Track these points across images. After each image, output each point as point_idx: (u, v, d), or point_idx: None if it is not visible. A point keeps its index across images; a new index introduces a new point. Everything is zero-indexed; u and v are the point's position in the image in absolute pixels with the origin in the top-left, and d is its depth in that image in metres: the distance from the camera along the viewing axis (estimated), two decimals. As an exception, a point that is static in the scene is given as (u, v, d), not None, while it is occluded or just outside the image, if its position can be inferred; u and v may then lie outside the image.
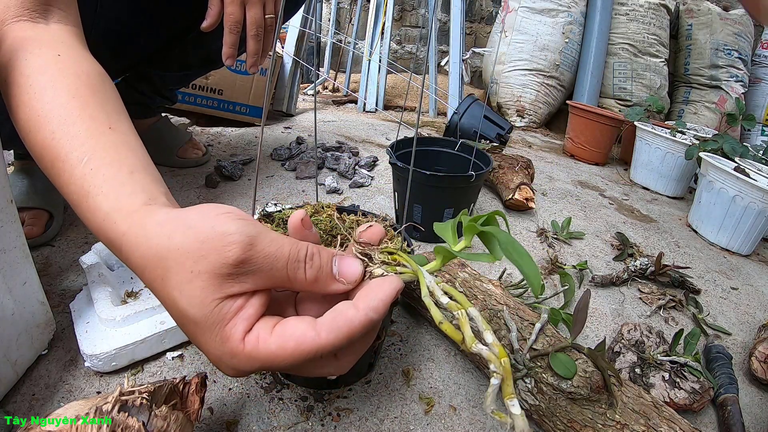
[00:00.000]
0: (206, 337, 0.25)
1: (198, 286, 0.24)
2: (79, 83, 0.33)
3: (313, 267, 0.27)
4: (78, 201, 0.30)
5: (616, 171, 1.65)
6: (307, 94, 2.04)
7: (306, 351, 0.24)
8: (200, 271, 0.24)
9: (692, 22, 2.14)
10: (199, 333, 0.25)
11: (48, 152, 0.30)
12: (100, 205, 0.28)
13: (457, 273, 0.60)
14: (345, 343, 0.25)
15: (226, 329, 0.24)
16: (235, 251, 0.24)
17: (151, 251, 0.26)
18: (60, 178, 0.30)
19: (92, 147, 0.30)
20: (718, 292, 0.89)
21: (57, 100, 0.31)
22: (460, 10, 1.79)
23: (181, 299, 0.24)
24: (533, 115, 2.10)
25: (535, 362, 0.48)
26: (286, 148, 1.18)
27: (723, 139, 1.25)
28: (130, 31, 0.72)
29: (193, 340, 0.26)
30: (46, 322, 0.48)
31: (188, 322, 0.25)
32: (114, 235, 0.28)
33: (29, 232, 0.67)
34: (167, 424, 0.33)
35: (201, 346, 0.26)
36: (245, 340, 0.25)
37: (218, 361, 0.26)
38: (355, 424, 0.47)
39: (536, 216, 1.07)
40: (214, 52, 0.72)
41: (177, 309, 0.25)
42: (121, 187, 0.29)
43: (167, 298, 0.25)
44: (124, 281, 0.57)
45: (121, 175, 0.30)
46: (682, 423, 0.44)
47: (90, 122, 0.31)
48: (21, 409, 0.44)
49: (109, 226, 0.28)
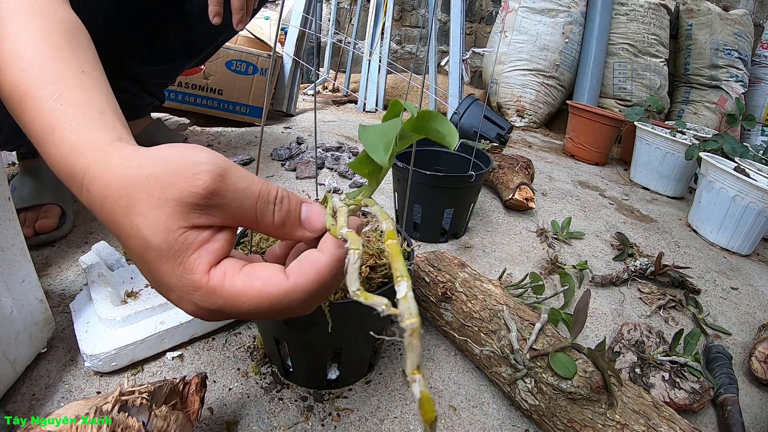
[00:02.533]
0: (167, 266, 0.24)
1: (164, 212, 0.24)
2: (53, 27, 0.32)
3: (282, 210, 0.27)
4: (43, 136, 0.28)
5: (616, 171, 1.65)
6: (307, 94, 2.04)
7: (273, 294, 0.24)
8: (168, 198, 0.24)
9: (692, 22, 2.14)
10: (159, 263, 0.24)
11: (17, 90, 0.30)
12: (66, 138, 0.28)
13: (457, 273, 0.60)
14: (316, 288, 0.25)
15: (190, 259, 0.24)
16: (205, 180, 0.24)
17: (116, 180, 0.25)
18: (27, 115, 0.29)
19: (64, 86, 0.30)
20: (718, 292, 0.89)
21: (31, 41, 0.31)
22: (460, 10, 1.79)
23: (145, 227, 0.24)
24: (533, 115, 2.10)
25: (535, 362, 0.48)
26: (286, 148, 1.18)
27: (723, 139, 1.25)
28: (113, 23, 0.72)
29: (152, 274, 0.25)
30: (45, 320, 0.48)
31: (149, 251, 0.24)
32: (77, 167, 0.27)
33: (44, 224, 0.67)
34: (167, 424, 0.33)
35: (161, 279, 0.25)
36: (210, 273, 0.24)
37: (178, 296, 0.25)
38: (355, 424, 0.47)
39: (536, 216, 1.07)
40: (196, 37, 0.71)
41: (138, 238, 0.24)
42: (91, 123, 0.28)
43: (129, 228, 0.24)
44: (124, 281, 0.57)
45: (92, 113, 0.29)
46: (682, 423, 0.44)
47: (62, 65, 0.31)
48: (21, 409, 0.43)
49: (74, 159, 0.27)
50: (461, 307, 0.56)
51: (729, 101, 2.07)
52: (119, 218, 0.25)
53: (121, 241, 0.26)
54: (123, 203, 0.24)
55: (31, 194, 0.70)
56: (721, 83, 2.10)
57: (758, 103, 2.23)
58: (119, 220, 0.25)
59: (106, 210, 0.25)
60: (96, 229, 0.74)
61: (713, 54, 2.09)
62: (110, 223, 0.26)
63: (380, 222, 0.25)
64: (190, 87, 1.31)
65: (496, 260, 0.85)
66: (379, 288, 0.44)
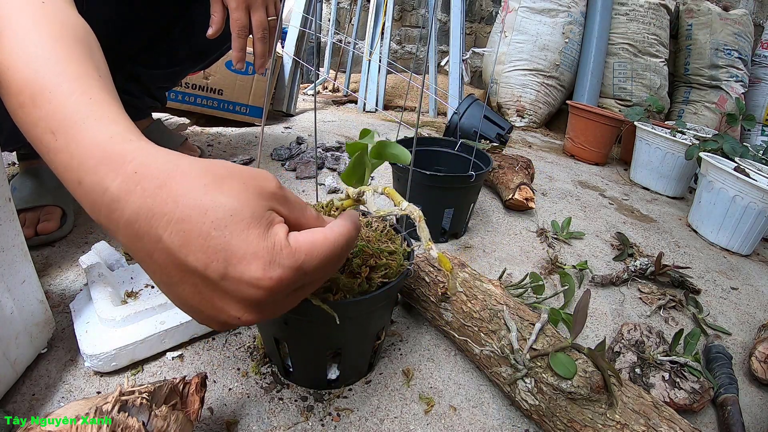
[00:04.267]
0: (257, 232, 0.27)
1: (252, 195, 0.28)
2: (65, 31, 0.32)
3: (312, 210, 0.34)
4: (68, 125, 0.28)
5: (616, 171, 1.65)
6: (307, 94, 2.04)
7: (336, 235, 0.31)
8: (253, 186, 0.28)
9: (692, 22, 2.14)
10: (249, 230, 0.27)
11: (29, 88, 0.29)
12: (105, 127, 0.28)
13: (457, 273, 0.60)
14: (354, 232, 0.33)
15: (274, 228, 0.28)
16: (275, 181, 0.30)
17: (192, 166, 0.27)
18: (41, 109, 0.28)
19: (85, 84, 0.29)
20: (718, 292, 0.89)
21: (41, 42, 0.30)
22: (460, 10, 1.79)
23: (236, 200, 0.27)
24: (533, 115, 2.10)
25: (535, 362, 0.48)
26: (286, 148, 1.18)
27: (723, 139, 1.25)
28: (116, 28, 0.72)
29: (222, 230, 0.27)
30: (45, 321, 0.48)
31: (238, 222, 0.27)
32: (126, 151, 0.27)
33: (45, 227, 0.68)
34: (167, 424, 0.33)
35: (248, 246, 0.27)
36: (289, 237, 0.29)
37: (266, 260, 0.27)
38: (355, 424, 0.47)
39: (536, 216, 1.07)
40: (201, 44, 0.72)
41: (225, 209, 0.27)
42: (126, 118, 0.29)
43: (211, 201, 0.26)
44: (124, 281, 0.57)
45: (120, 109, 0.30)
46: (682, 423, 0.44)
47: (78, 66, 0.30)
48: (21, 409, 0.44)
49: (120, 145, 0.27)
50: (461, 307, 0.56)
51: (729, 101, 2.07)
52: (197, 194, 0.27)
53: (191, 212, 0.26)
54: (204, 182, 0.27)
55: (32, 195, 0.70)
56: (721, 83, 2.10)
57: (758, 103, 2.23)
58: (197, 195, 0.26)
59: (175, 185, 0.26)
60: (96, 229, 0.74)
61: (713, 54, 2.09)
62: (180, 197, 0.26)
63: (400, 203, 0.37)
64: (190, 87, 1.31)
65: (496, 260, 0.85)
66: (380, 288, 0.44)
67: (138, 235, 0.26)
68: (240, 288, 0.27)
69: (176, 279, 0.27)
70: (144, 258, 0.27)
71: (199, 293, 0.28)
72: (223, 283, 0.27)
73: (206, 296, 0.28)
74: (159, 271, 0.27)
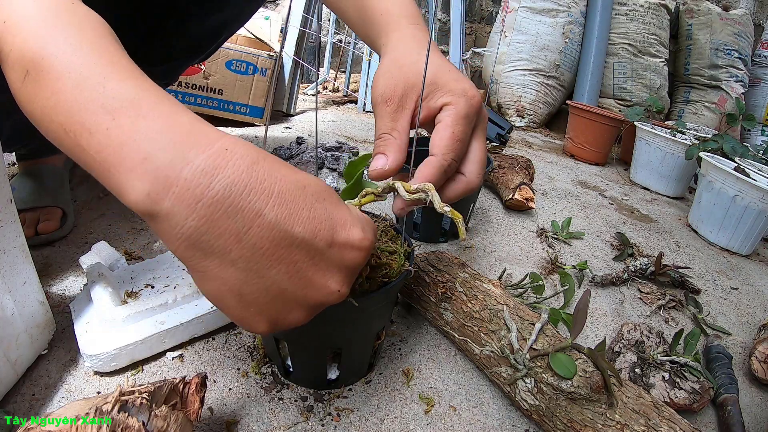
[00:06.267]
0: (339, 203, 0.30)
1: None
2: (101, 30, 0.30)
3: None
4: (128, 107, 0.26)
5: (616, 171, 1.65)
6: (307, 94, 2.04)
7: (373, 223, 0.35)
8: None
9: (692, 22, 2.14)
10: (338, 204, 0.30)
11: (71, 76, 0.26)
12: (184, 111, 0.28)
13: (457, 273, 0.60)
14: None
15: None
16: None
17: (268, 157, 0.28)
18: (88, 92, 0.26)
19: (149, 92, 0.28)
20: (718, 292, 0.89)
21: (80, 35, 0.28)
22: (460, 10, 1.79)
23: (316, 178, 0.30)
24: (533, 115, 2.10)
25: (535, 362, 0.48)
26: (286, 148, 1.18)
27: (723, 139, 1.25)
28: (112, 26, 0.72)
29: (322, 202, 0.29)
30: (45, 322, 0.48)
31: (331, 197, 0.30)
32: (212, 134, 0.27)
33: (46, 227, 0.67)
34: (167, 424, 0.33)
35: (338, 214, 0.29)
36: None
37: (350, 225, 0.30)
38: (355, 424, 0.47)
39: (536, 216, 1.07)
40: (196, 37, 0.71)
41: (318, 185, 0.29)
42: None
43: (304, 179, 0.29)
44: (124, 281, 0.57)
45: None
46: (682, 423, 0.44)
47: (113, 52, 0.29)
48: (21, 409, 0.44)
49: (204, 130, 0.27)
50: (461, 307, 0.56)
51: (729, 101, 2.07)
52: (289, 171, 0.28)
53: (291, 186, 0.27)
54: (287, 165, 0.29)
55: (32, 196, 0.70)
56: (721, 83, 2.10)
57: (758, 103, 2.23)
58: (290, 172, 0.28)
59: (267, 164, 0.27)
60: (96, 229, 0.74)
61: (713, 54, 2.09)
62: (276, 172, 0.27)
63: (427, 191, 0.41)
64: (190, 87, 1.31)
65: (496, 260, 0.85)
66: (380, 288, 0.44)
67: (229, 213, 0.25)
68: (343, 253, 0.29)
69: (271, 260, 0.27)
70: (228, 244, 0.25)
71: (296, 272, 0.27)
72: (329, 252, 0.28)
73: (304, 274, 0.28)
74: (247, 255, 0.26)
